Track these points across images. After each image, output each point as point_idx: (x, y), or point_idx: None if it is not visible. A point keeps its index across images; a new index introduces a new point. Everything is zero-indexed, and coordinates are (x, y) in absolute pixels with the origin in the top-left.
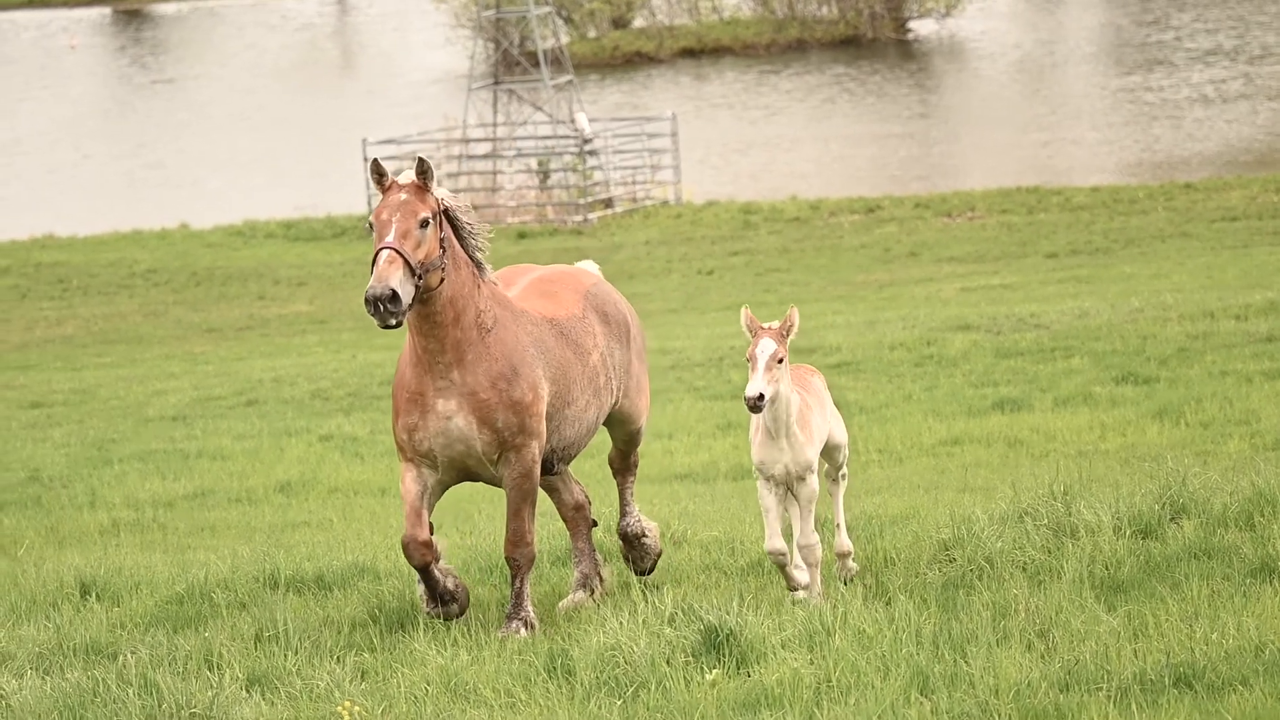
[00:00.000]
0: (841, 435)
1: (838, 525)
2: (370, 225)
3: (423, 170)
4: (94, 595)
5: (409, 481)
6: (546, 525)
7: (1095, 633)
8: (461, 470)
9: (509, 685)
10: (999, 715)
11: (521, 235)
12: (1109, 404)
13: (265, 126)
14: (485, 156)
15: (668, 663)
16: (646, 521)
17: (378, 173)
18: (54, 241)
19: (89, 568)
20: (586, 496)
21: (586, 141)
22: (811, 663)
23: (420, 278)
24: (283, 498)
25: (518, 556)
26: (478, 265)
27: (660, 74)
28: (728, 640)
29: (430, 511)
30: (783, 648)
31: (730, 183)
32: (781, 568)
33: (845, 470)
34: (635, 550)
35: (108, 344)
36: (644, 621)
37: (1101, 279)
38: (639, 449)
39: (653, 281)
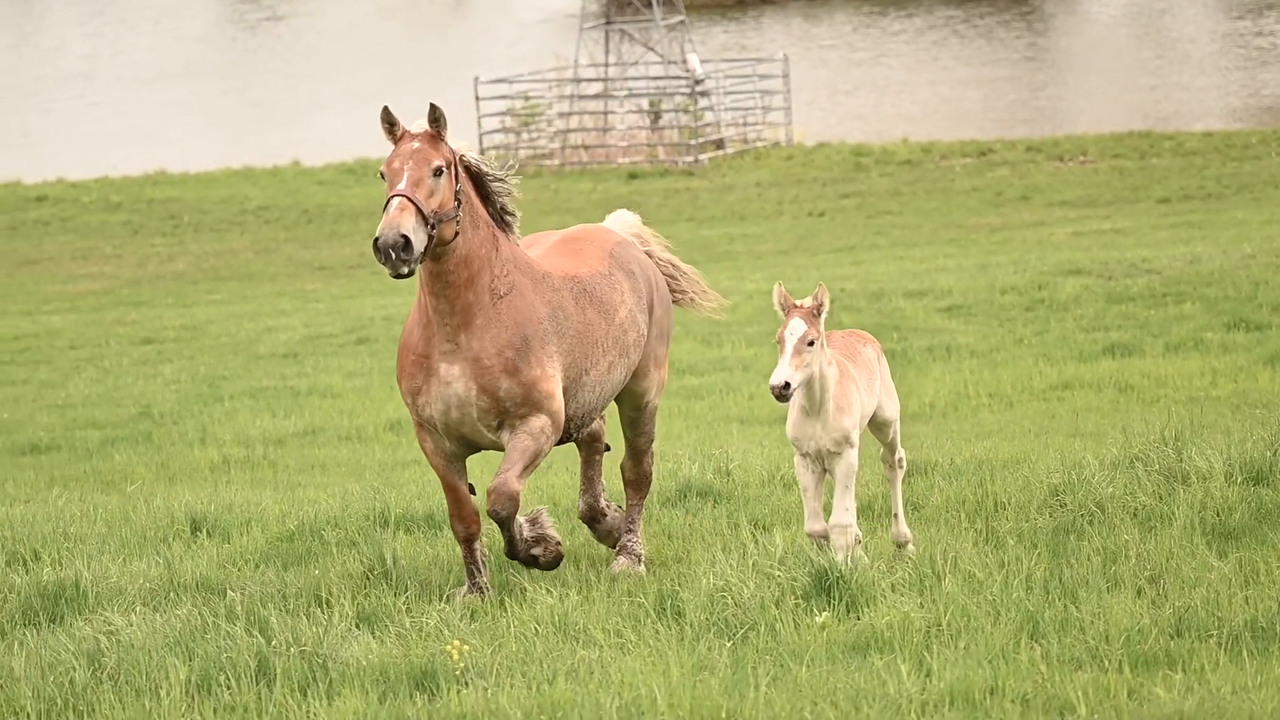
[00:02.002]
0: (893, 411)
1: (895, 514)
2: (382, 174)
3: (435, 118)
4: (204, 532)
5: (435, 457)
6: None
7: (1206, 579)
8: (460, 440)
9: (619, 626)
10: (1109, 660)
11: (632, 176)
12: (1220, 350)
13: (377, 64)
14: (596, 97)
15: (777, 605)
16: (634, 560)
17: (388, 121)
18: (166, 178)
19: (199, 504)
20: (603, 428)
21: (698, 82)
22: (922, 606)
23: (434, 227)
24: (393, 436)
25: (500, 509)
26: (503, 224)
27: (771, 15)
28: (838, 583)
29: (465, 478)
30: (893, 591)
31: (837, 124)
32: (821, 547)
33: (902, 455)
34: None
35: (219, 281)
36: (754, 564)
37: (1213, 224)
38: (652, 456)
39: (764, 223)
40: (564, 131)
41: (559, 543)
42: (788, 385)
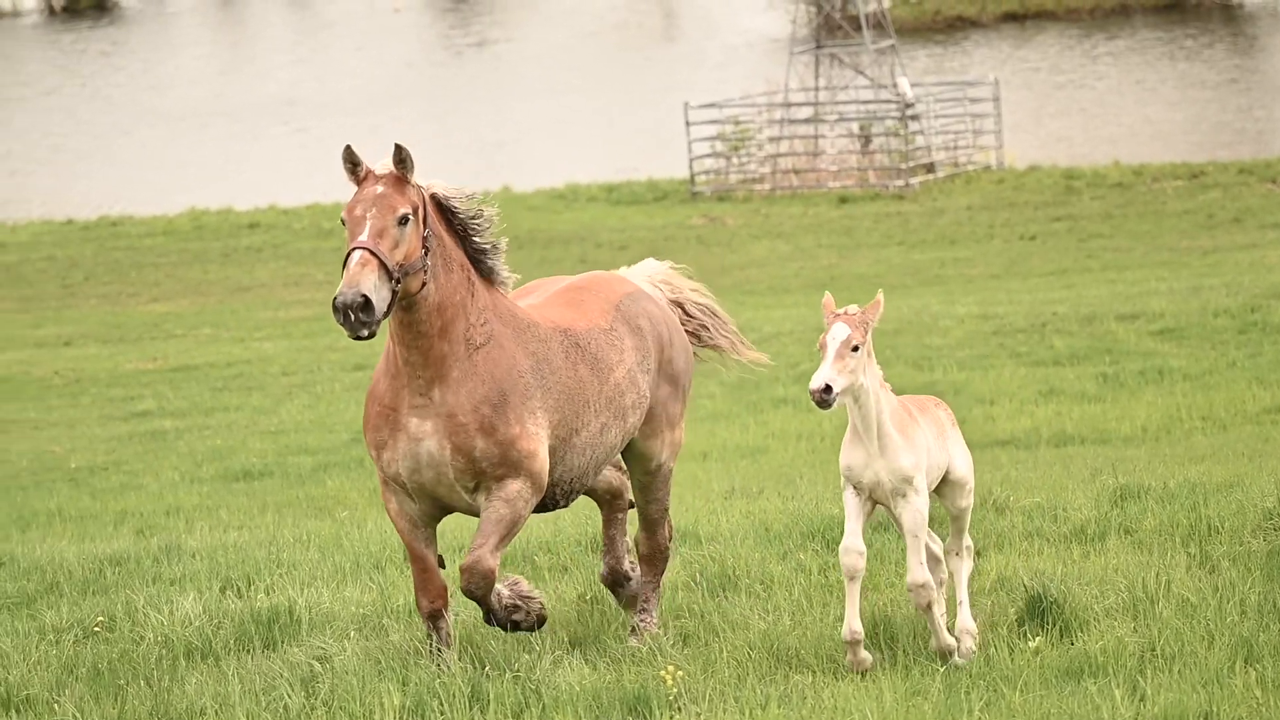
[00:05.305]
0: (966, 469)
1: (960, 601)
2: (343, 221)
3: (401, 159)
4: None
5: (400, 520)
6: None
7: None
8: (433, 499)
9: (831, 651)
10: None
11: (843, 200)
12: None
13: (584, 88)
14: (807, 121)
15: (990, 631)
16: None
17: (351, 161)
18: None
19: None
20: (626, 485)
21: (908, 106)
22: (1135, 631)
23: (398, 282)
24: None
25: (474, 587)
26: (480, 269)
27: (979, 38)
28: (1051, 608)
29: (435, 548)
30: (1106, 616)
31: (1041, 147)
32: (851, 578)
33: (970, 543)
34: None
35: None
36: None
37: None
38: (669, 529)
39: (974, 246)
40: (774, 156)
41: (541, 604)
42: (829, 389)
